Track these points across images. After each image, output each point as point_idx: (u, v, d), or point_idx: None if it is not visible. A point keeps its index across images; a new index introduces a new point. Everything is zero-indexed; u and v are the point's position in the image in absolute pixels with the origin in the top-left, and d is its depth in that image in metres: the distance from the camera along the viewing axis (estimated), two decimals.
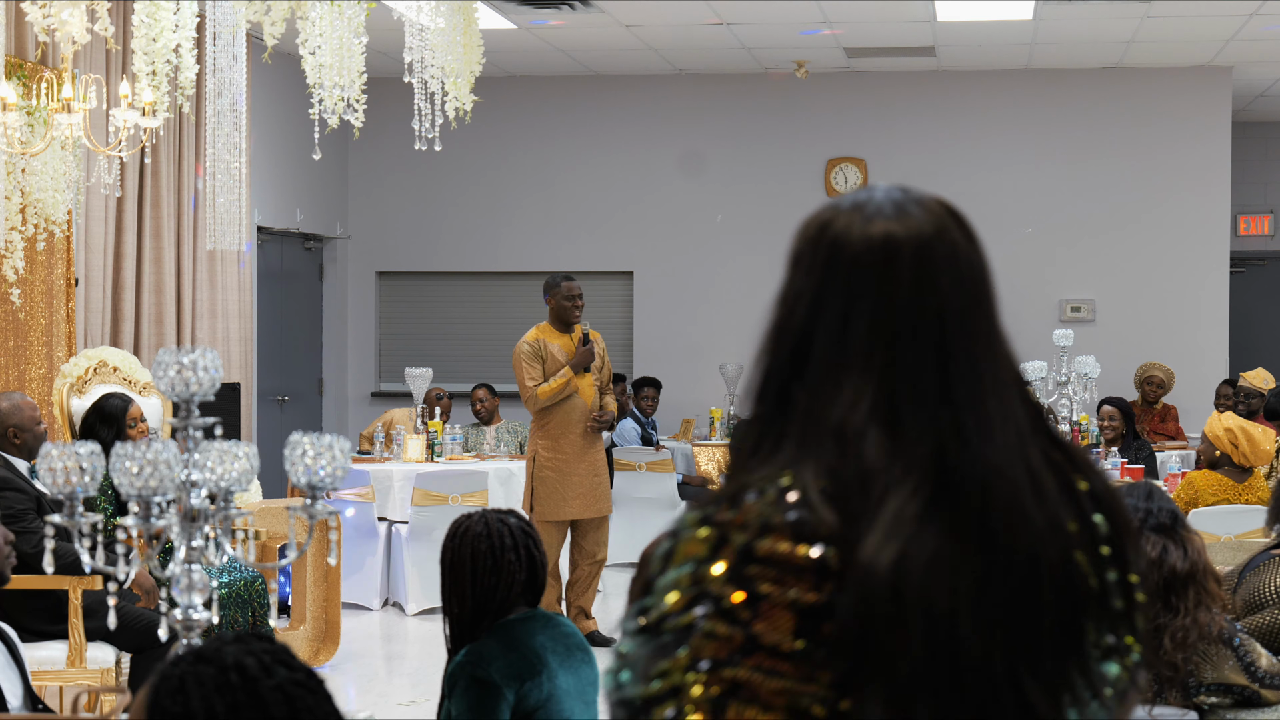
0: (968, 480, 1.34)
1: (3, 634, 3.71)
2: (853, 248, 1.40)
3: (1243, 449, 6.48)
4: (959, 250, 1.41)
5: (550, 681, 3.38)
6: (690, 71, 12.05)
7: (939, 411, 1.35)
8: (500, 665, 3.34)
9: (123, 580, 2.84)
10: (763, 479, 1.34)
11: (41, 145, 6.47)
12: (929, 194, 1.45)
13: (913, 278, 1.38)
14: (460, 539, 3.46)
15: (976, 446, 1.35)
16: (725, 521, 1.32)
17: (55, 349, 7.86)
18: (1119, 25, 10.19)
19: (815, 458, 1.34)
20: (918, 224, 1.41)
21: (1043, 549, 1.34)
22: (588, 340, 7.95)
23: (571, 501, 7.87)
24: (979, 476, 1.34)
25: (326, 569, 7.56)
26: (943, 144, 11.93)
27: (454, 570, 3.44)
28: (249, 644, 1.71)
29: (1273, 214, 13.43)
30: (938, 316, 1.38)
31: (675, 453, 10.76)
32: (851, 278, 1.39)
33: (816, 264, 1.42)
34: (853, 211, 1.43)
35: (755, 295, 12.10)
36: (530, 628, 3.43)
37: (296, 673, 1.71)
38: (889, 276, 1.38)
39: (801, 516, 1.30)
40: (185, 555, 2.73)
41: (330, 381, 12.53)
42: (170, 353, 2.71)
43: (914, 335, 1.37)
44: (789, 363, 1.40)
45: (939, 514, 1.32)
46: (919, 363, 1.37)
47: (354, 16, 5.52)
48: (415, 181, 12.43)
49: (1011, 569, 1.32)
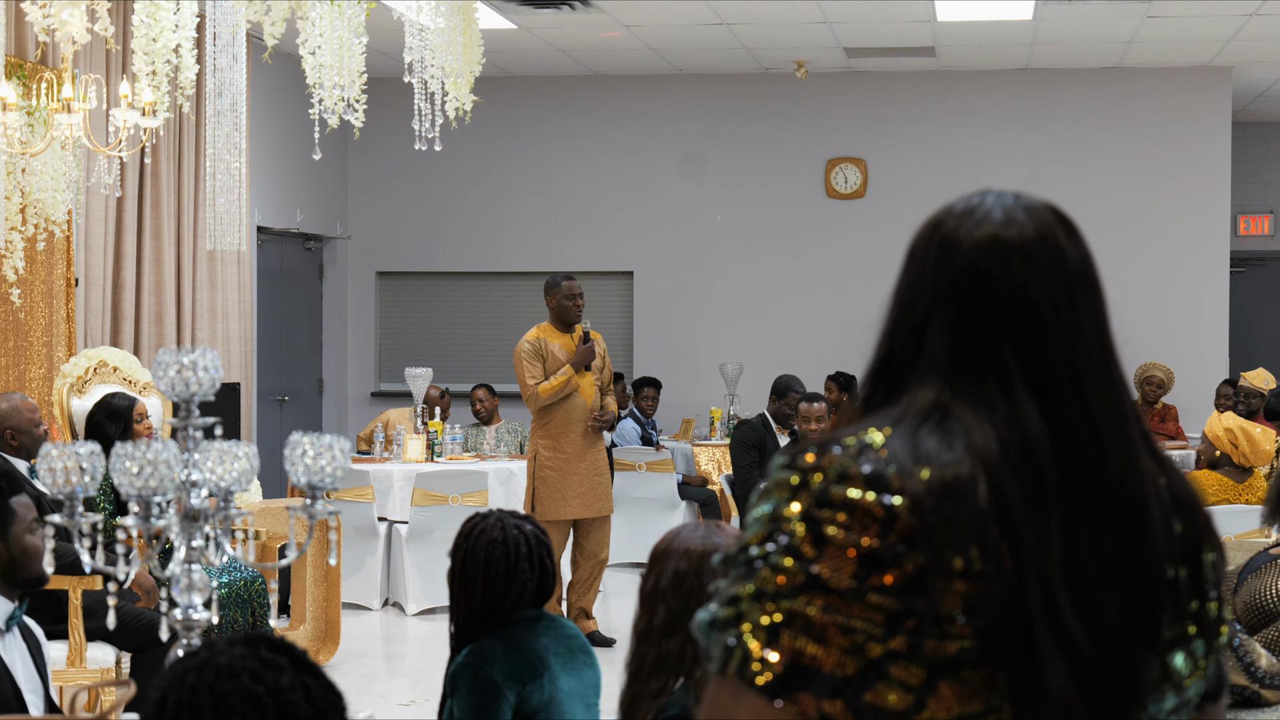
0: (1090, 470, 1.42)
1: (29, 633, 3.71)
2: (960, 249, 1.49)
3: (1243, 449, 6.48)
4: (1065, 253, 1.49)
5: (552, 684, 3.37)
6: (690, 71, 12.05)
7: (1053, 404, 1.43)
8: (502, 666, 3.34)
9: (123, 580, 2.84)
10: (853, 432, 1.43)
11: (41, 145, 6.47)
12: (1040, 199, 1.53)
13: (1017, 279, 1.46)
14: (475, 540, 3.44)
15: (1097, 438, 1.43)
16: (808, 466, 1.41)
17: (55, 349, 7.86)
18: (1119, 25, 10.19)
19: (914, 431, 1.42)
20: (1021, 228, 1.49)
21: (1155, 539, 1.44)
22: (588, 339, 7.96)
23: (572, 501, 7.87)
24: (1106, 467, 1.43)
25: (326, 569, 7.56)
26: (943, 144, 11.93)
27: (465, 571, 3.43)
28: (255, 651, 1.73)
29: (1273, 214, 13.43)
30: (1044, 315, 1.46)
31: (675, 453, 10.76)
32: (958, 277, 1.48)
33: (928, 264, 1.50)
34: (963, 215, 1.52)
35: (755, 295, 12.11)
36: (533, 629, 3.43)
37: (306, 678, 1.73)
38: (994, 277, 1.47)
39: (878, 469, 1.38)
40: (185, 555, 2.73)
41: (330, 381, 12.53)
42: (170, 353, 2.71)
43: (1020, 334, 1.45)
44: (901, 355, 1.49)
45: (1075, 507, 1.40)
46: (1027, 359, 1.45)
47: (354, 16, 5.52)
48: (415, 181, 12.43)
49: (1126, 558, 1.42)
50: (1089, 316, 1.50)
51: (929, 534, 1.36)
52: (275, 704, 1.68)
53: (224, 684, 1.68)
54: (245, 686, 1.68)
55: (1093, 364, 1.47)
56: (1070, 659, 1.36)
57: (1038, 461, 1.40)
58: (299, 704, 1.70)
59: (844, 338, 11.94)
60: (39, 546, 3.54)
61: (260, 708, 1.68)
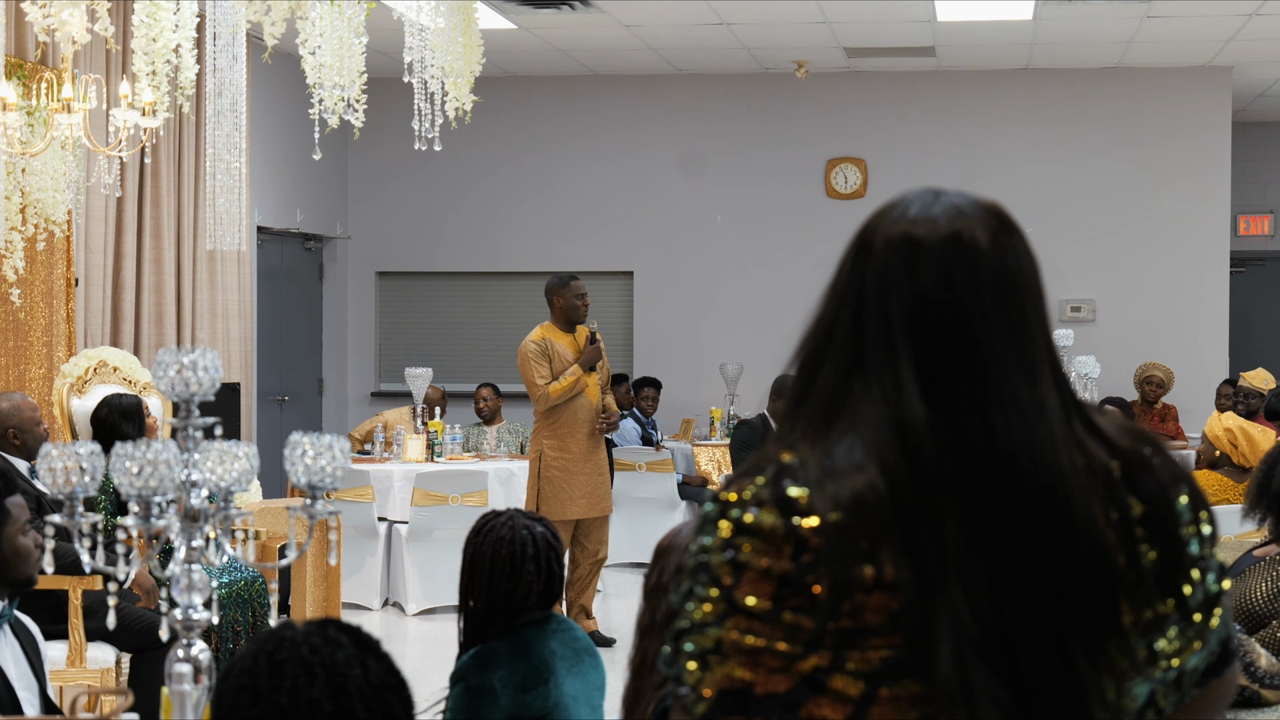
0: (997, 466, 1.42)
1: (23, 630, 3.70)
2: (875, 246, 1.51)
3: (1242, 449, 6.48)
4: (979, 251, 1.48)
5: (556, 689, 3.37)
6: (690, 71, 12.05)
7: (965, 401, 1.44)
8: (504, 673, 3.33)
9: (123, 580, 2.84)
10: (771, 456, 1.46)
11: (41, 145, 6.47)
12: (971, 196, 1.54)
13: (927, 276, 1.47)
14: (484, 537, 3.44)
15: (1005, 433, 1.42)
16: (725, 500, 1.45)
17: (55, 349, 7.86)
18: (1119, 25, 10.19)
19: (825, 439, 1.44)
20: (935, 226, 1.49)
21: (1068, 530, 1.42)
22: (595, 339, 7.97)
23: (577, 501, 7.89)
24: (1008, 462, 1.42)
25: (326, 569, 7.56)
26: (943, 144, 11.93)
27: (473, 567, 3.43)
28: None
29: (1273, 214, 13.43)
30: (955, 311, 1.46)
31: (675, 453, 10.76)
32: (872, 274, 1.50)
33: (847, 261, 1.54)
34: (883, 212, 1.54)
35: (755, 295, 12.11)
36: (542, 633, 3.41)
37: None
38: (903, 273, 1.48)
39: (786, 492, 1.41)
40: (185, 555, 2.73)
41: (330, 381, 12.54)
42: (170, 353, 2.71)
43: (930, 330, 1.46)
44: (818, 353, 1.51)
45: (969, 499, 1.41)
46: (937, 356, 1.45)
47: (354, 16, 5.52)
48: (415, 181, 12.43)
49: (1040, 548, 1.40)
50: (1009, 309, 1.47)
51: (837, 550, 1.38)
52: (326, 674, 1.80)
53: (282, 652, 1.82)
54: (302, 656, 1.81)
55: (1000, 358, 1.45)
56: (982, 658, 1.36)
57: (924, 455, 1.41)
58: (351, 678, 1.81)
59: None
60: (30, 548, 3.54)
61: (311, 675, 1.80)
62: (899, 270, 1.48)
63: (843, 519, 1.39)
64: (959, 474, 1.41)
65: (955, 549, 1.38)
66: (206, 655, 2.70)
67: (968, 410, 1.43)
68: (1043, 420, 1.44)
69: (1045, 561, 1.40)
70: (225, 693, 1.84)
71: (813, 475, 1.42)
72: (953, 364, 1.44)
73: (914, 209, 1.52)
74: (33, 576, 3.52)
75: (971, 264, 1.48)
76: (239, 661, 1.85)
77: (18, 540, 3.54)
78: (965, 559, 1.38)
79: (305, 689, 1.80)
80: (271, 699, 1.80)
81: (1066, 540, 1.41)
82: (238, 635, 5.89)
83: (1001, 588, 1.39)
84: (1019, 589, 1.39)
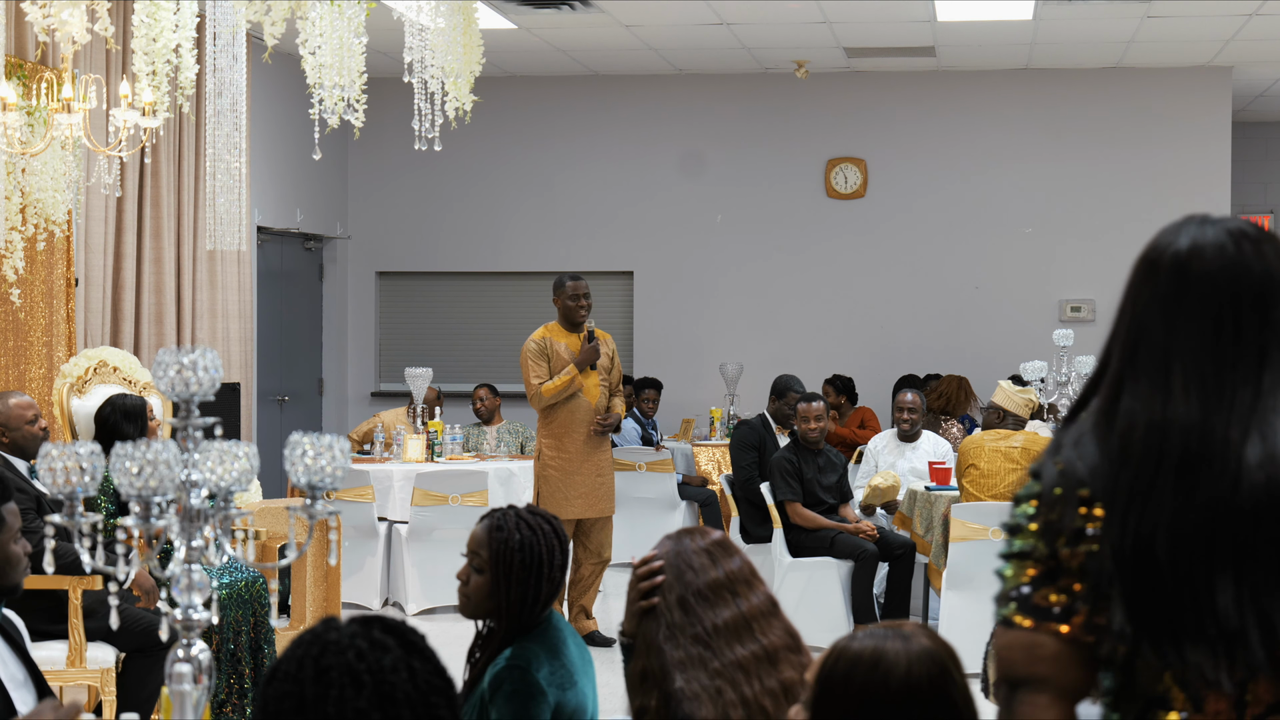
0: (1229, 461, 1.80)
1: (10, 628, 3.69)
2: (1159, 269, 1.93)
3: None
4: (1251, 270, 1.86)
5: (580, 692, 3.36)
6: (690, 71, 12.05)
7: (1221, 405, 1.81)
8: (546, 672, 3.30)
9: (123, 580, 2.84)
10: (1058, 441, 1.89)
11: (41, 145, 6.47)
12: (1238, 221, 1.93)
13: (1198, 294, 1.85)
14: (506, 534, 3.39)
15: (1257, 441, 1.79)
16: (1033, 470, 1.90)
17: (55, 349, 7.86)
18: (1119, 25, 10.19)
19: (1107, 429, 1.84)
20: (1204, 247, 1.91)
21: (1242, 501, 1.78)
22: (593, 338, 7.95)
23: (574, 501, 7.88)
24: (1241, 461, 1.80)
25: (326, 569, 7.56)
26: (943, 144, 11.93)
27: (513, 568, 3.39)
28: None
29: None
30: (1225, 326, 1.83)
31: (675, 453, 10.76)
32: (1152, 296, 1.91)
33: (1132, 282, 1.97)
34: (1162, 236, 1.98)
35: (755, 295, 12.11)
36: (561, 634, 3.40)
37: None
38: (1177, 292, 1.87)
39: (1074, 465, 1.84)
40: (185, 555, 2.72)
41: (330, 381, 12.54)
42: (170, 353, 2.71)
43: (1201, 342, 1.83)
44: (1111, 362, 1.91)
45: (1189, 484, 1.79)
46: (1202, 369, 1.82)
47: (354, 16, 5.52)
48: (415, 181, 12.43)
49: (1238, 516, 1.77)
50: (1270, 323, 1.84)
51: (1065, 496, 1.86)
52: (374, 682, 1.77)
53: (328, 658, 1.77)
54: (348, 663, 1.77)
55: (1270, 370, 1.83)
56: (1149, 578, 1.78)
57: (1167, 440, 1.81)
58: (399, 685, 1.78)
59: (844, 337, 11.94)
60: (20, 556, 3.54)
61: (358, 684, 1.76)
62: (1178, 290, 1.93)
63: (1071, 475, 1.93)
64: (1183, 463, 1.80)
65: (1139, 503, 1.81)
66: (206, 655, 2.70)
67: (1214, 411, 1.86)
68: (1240, 416, 1.81)
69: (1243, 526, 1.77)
70: (270, 699, 1.79)
71: (1093, 453, 1.90)
72: (1214, 375, 1.88)
73: (1184, 239, 1.98)
74: (19, 584, 3.52)
75: (1235, 282, 1.91)
76: (283, 665, 1.80)
77: (9, 548, 3.53)
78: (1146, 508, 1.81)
79: (352, 699, 1.76)
80: (318, 708, 1.75)
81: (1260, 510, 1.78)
82: (238, 635, 5.89)
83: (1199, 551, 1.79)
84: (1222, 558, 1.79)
